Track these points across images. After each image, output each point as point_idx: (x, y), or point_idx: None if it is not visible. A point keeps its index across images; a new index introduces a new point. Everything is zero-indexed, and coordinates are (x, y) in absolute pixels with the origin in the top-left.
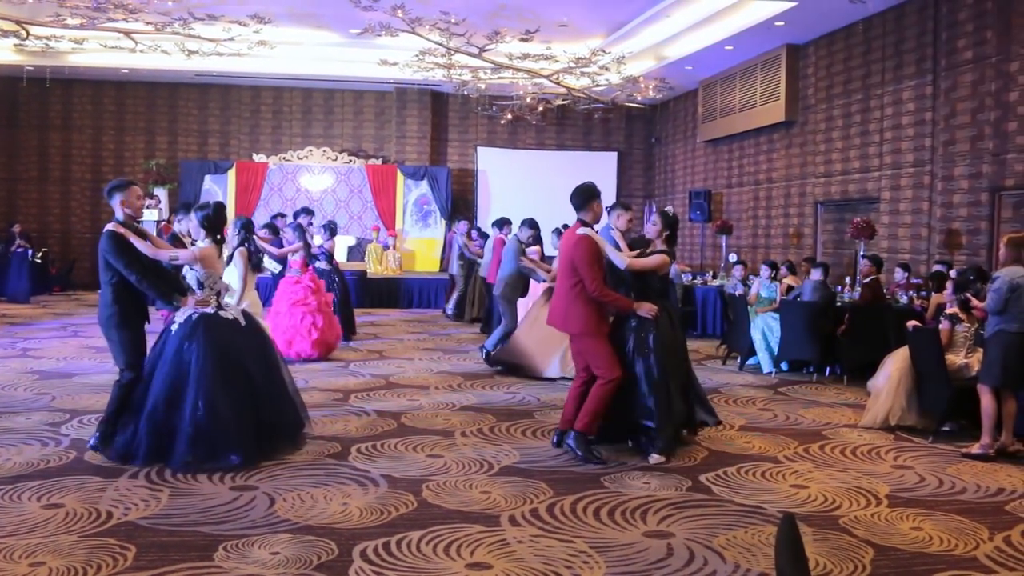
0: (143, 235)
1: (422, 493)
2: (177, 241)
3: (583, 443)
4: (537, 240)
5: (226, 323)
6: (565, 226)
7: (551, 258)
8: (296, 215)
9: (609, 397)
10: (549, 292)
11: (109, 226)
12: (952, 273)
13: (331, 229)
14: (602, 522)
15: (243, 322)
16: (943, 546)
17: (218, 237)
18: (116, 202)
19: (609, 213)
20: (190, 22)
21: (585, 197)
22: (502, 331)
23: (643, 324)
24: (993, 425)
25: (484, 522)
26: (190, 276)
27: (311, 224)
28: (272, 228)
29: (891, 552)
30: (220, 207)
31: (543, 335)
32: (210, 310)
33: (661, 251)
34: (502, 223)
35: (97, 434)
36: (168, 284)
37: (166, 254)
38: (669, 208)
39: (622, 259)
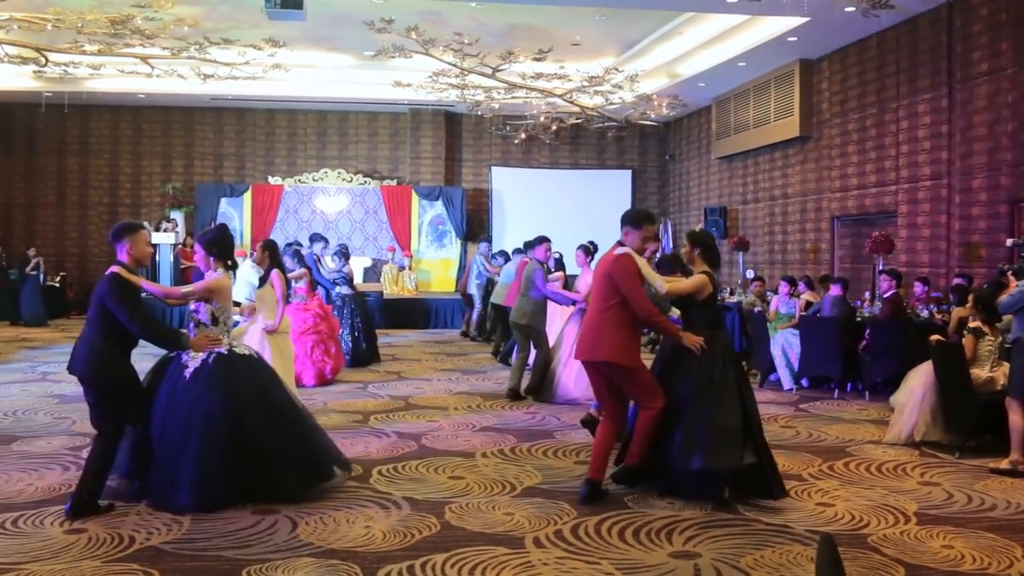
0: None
1: (445, 515)
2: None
3: (632, 475)
4: (560, 265)
5: (242, 360)
6: (591, 243)
7: (574, 277)
8: (312, 240)
9: (655, 424)
10: (580, 314)
11: (113, 269)
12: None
13: (345, 253)
14: (627, 543)
15: (257, 357)
16: (976, 564)
17: (229, 263)
18: (123, 246)
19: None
20: (206, 46)
21: (638, 219)
22: (521, 362)
23: (685, 357)
24: (1022, 440)
25: (508, 544)
26: (204, 311)
27: (325, 249)
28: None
29: (923, 571)
30: (224, 228)
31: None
32: (223, 349)
33: (701, 272)
34: (528, 246)
35: (71, 501)
36: (171, 331)
37: (178, 290)
38: (695, 228)
39: (662, 282)
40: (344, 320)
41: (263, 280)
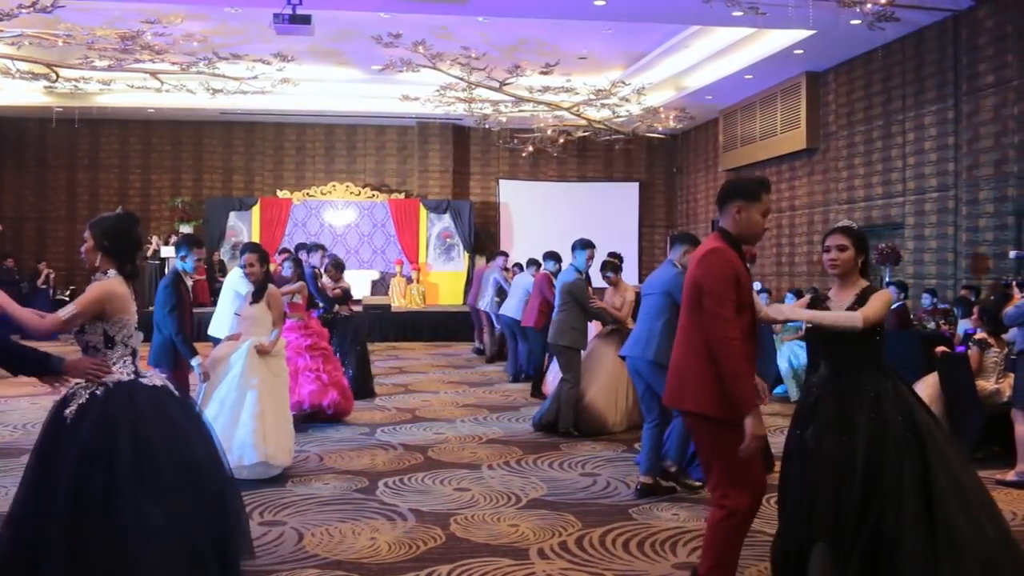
0: None
1: (450, 527)
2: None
3: None
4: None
5: (152, 393)
6: (613, 255)
7: (600, 289)
8: (309, 249)
9: (737, 538)
10: (611, 332)
11: None
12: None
13: (339, 264)
14: (631, 554)
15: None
16: None
17: (128, 268)
18: None
19: (673, 247)
20: (215, 61)
21: (726, 194)
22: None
23: (844, 400)
24: None
25: (513, 556)
26: (93, 330)
27: (324, 260)
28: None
29: None
30: (127, 218)
31: (612, 380)
32: (125, 377)
33: (869, 287)
34: (553, 257)
35: None
36: (35, 351)
37: (56, 317)
38: (849, 222)
39: (854, 316)
40: (346, 347)
41: (258, 296)
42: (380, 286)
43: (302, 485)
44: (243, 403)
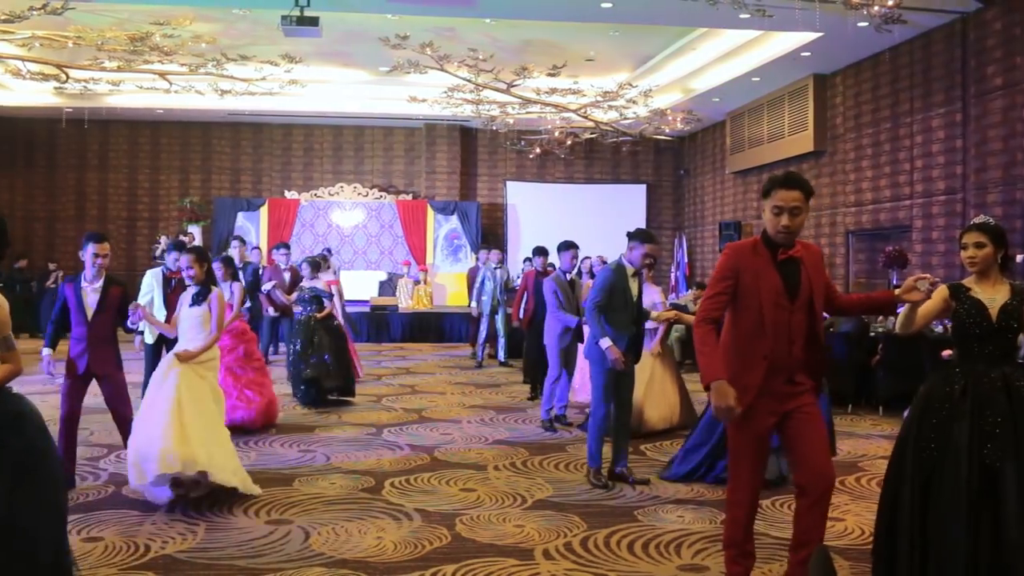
0: None
1: (456, 527)
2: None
3: None
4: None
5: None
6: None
7: None
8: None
9: (740, 531)
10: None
11: None
12: None
13: (314, 263)
14: (636, 556)
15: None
16: None
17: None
18: None
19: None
20: (223, 63)
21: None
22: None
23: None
24: None
25: (518, 556)
26: None
27: (287, 255)
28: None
29: None
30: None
31: (654, 380)
32: None
33: (1019, 285)
34: (537, 252)
35: None
36: None
37: None
38: (986, 218)
39: None
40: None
41: (199, 297)
42: (387, 287)
43: (308, 484)
44: (156, 408)
